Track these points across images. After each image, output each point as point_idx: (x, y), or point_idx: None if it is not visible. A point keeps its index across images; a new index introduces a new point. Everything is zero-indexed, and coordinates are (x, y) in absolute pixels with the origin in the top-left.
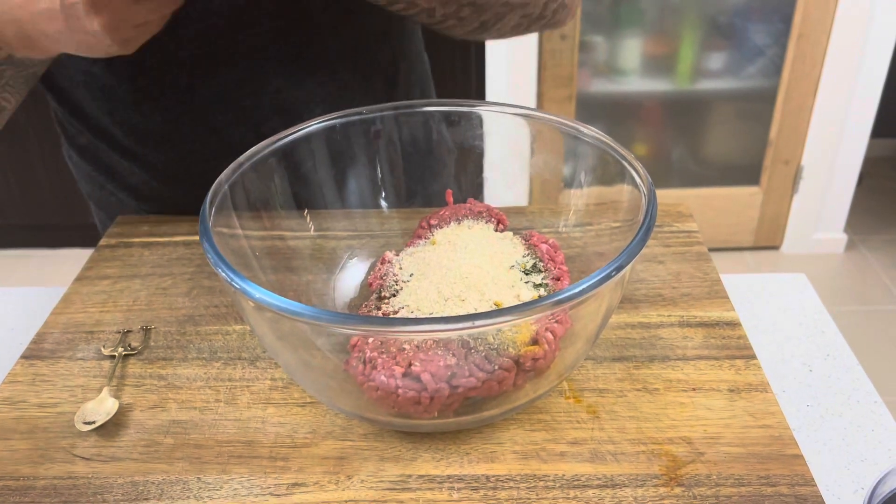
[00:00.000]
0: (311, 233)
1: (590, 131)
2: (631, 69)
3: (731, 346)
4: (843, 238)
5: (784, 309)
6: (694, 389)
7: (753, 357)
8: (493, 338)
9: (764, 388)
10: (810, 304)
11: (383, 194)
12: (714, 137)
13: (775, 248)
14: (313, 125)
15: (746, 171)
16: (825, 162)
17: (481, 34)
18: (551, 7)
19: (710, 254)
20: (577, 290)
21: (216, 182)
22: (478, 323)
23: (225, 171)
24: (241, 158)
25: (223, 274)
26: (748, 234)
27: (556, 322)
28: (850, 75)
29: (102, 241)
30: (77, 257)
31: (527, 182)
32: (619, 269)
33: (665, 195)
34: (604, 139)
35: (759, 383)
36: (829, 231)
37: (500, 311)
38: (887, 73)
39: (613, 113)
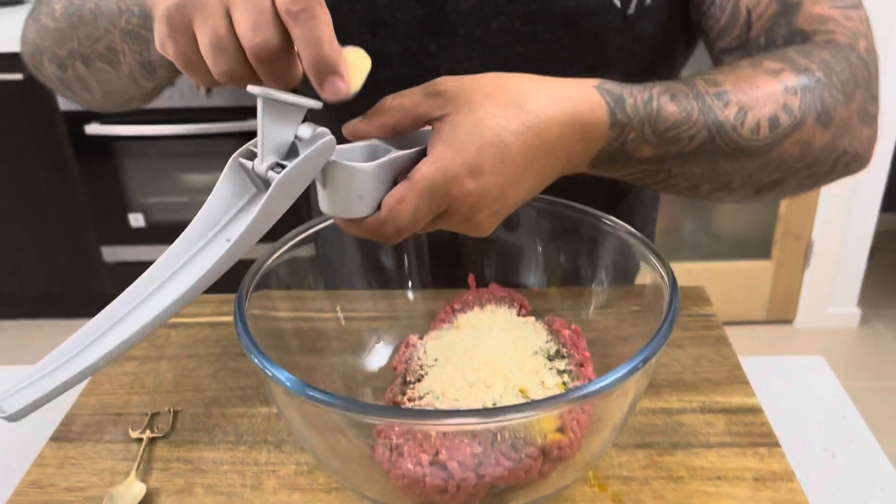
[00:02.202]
0: (337, 314)
1: (610, 221)
2: None
3: (755, 432)
4: (856, 312)
5: (803, 392)
6: (719, 478)
7: (777, 444)
8: (521, 427)
9: (789, 478)
10: (829, 387)
11: (409, 279)
12: (724, 211)
13: (788, 322)
14: None
15: (757, 245)
16: (835, 236)
17: (756, 199)
18: (842, 162)
19: (723, 328)
20: (605, 382)
21: (253, 266)
22: (508, 416)
23: (261, 256)
24: (277, 244)
25: (255, 360)
26: (761, 308)
27: (584, 412)
28: None
29: None
30: None
31: (548, 267)
32: (645, 360)
33: (676, 269)
34: (625, 229)
35: (784, 472)
36: (842, 305)
37: (529, 405)
38: (895, 147)
39: None
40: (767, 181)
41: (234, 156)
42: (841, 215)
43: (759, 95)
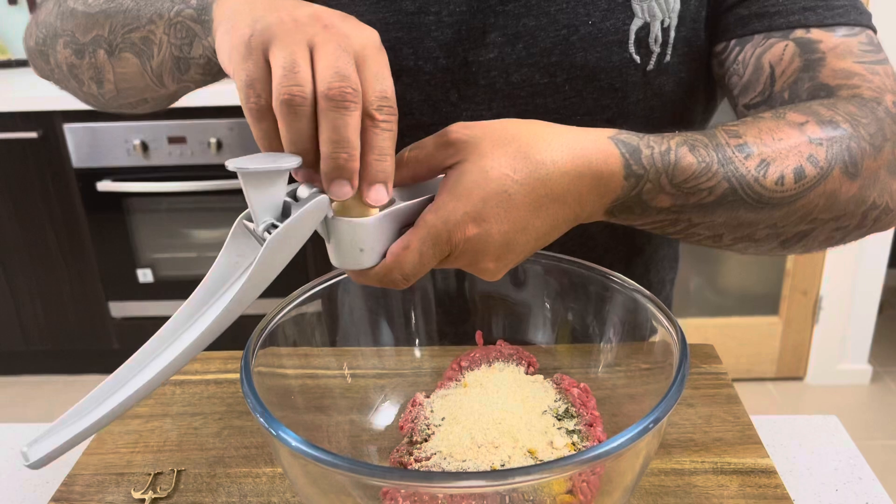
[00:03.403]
0: (343, 371)
1: (619, 279)
2: None
3: (769, 495)
4: (868, 369)
5: (817, 453)
6: None
7: None
8: (530, 489)
9: None
10: (843, 447)
11: (416, 335)
12: (731, 267)
13: (799, 378)
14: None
15: (765, 301)
16: (844, 292)
17: (783, 251)
18: (871, 216)
19: (734, 386)
20: (615, 444)
21: (260, 323)
22: (517, 479)
23: (268, 313)
24: (285, 301)
25: (260, 419)
26: (770, 365)
27: (594, 473)
28: None
29: None
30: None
31: (557, 324)
32: (656, 421)
33: (683, 324)
34: (634, 287)
35: None
36: (853, 362)
37: (538, 467)
38: None
39: None
40: (794, 233)
41: (238, 218)
42: (849, 271)
43: (783, 148)
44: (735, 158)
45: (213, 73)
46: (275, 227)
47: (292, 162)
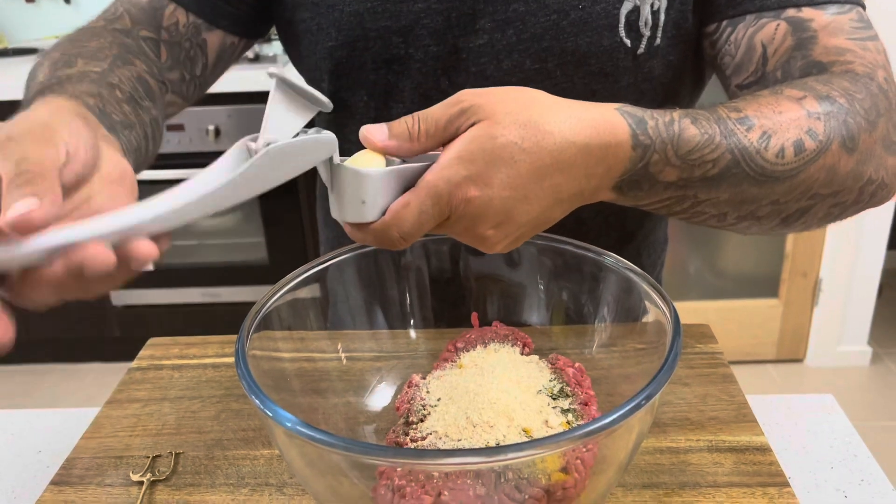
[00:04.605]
0: (339, 354)
1: (613, 258)
2: None
3: (763, 472)
4: (867, 351)
5: (813, 431)
6: None
7: (787, 484)
8: (524, 467)
9: None
10: (840, 425)
11: (411, 318)
12: (730, 250)
13: (799, 361)
14: (345, 254)
15: (765, 284)
16: (844, 274)
17: (783, 229)
18: (868, 190)
19: (733, 367)
20: (608, 420)
21: (254, 306)
22: (511, 455)
23: (262, 297)
24: (278, 285)
25: (256, 401)
26: (770, 347)
27: (587, 450)
28: None
29: (134, 364)
30: (100, 371)
31: (551, 305)
32: (648, 397)
33: (684, 308)
34: (628, 266)
35: None
36: (852, 344)
37: (532, 443)
38: None
39: None
40: (794, 209)
41: (242, 139)
42: (848, 253)
43: (783, 120)
44: (737, 130)
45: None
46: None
47: (327, 103)
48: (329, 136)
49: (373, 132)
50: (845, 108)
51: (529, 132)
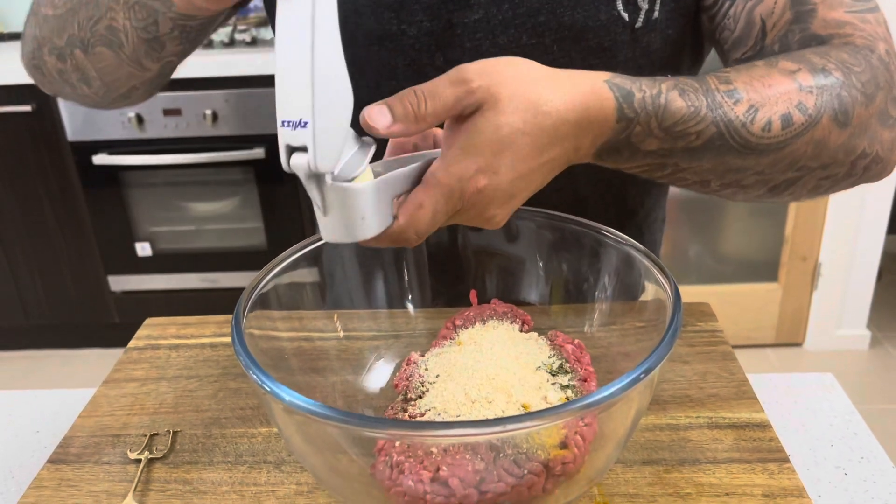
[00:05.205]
0: (338, 333)
1: (613, 234)
2: None
3: (763, 448)
4: (866, 334)
5: (813, 410)
6: (727, 494)
7: (787, 460)
8: (523, 442)
9: (800, 494)
10: (840, 404)
11: (409, 296)
12: (730, 234)
13: (798, 345)
14: None
15: (764, 268)
16: (843, 258)
17: (771, 199)
18: (861, 164)
19: (729, 344)
20: (606, 393)
21: (249, 284)
22: (508, 427)
23: (258, 274)
24: (274, 262)
25: (254, 376)
26: (769, 331)
27: (586, 425)
28: None
29: (131, 344)
30: (99, 357)
31: (551, 282)
32: (647, 371)
33: (684, 292)
34: (627, 242)
35: (795, 488)
36: (852, 328)
37: (530, 415)
38: None
39: None
40: (781, 180)
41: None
42: (848, 237)
43: (772, 94)
44: (724, 103)
45: (192, 39)
46: None
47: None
48: None
49: (375, 119)
50: (840, 81)
51: (530, 115)
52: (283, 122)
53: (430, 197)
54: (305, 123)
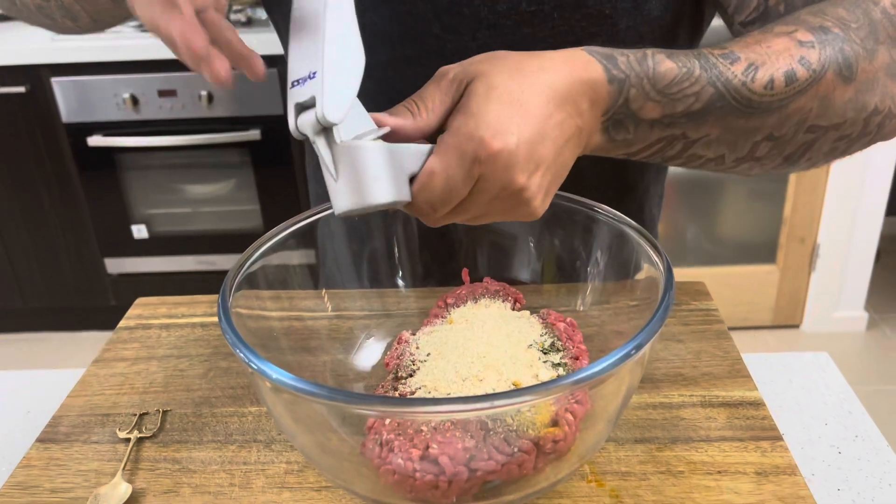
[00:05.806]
0: (329, 312)
1: (605, 211)
2: None
3: (756, 426)
4: (864, 316)
5: (808, 389)
6: (720, 472)
7: (780, 438)
8: (513, 419)
9: (792, 471)
10: (835, 383)
11: (400, 273)
12: (728, 216)
13: (795, 326)
14: (331, 209)
15: (762, 250)
16: (841, 240)
17: (788, 168)
18: (874, 121)
19: (724, 323)
20: (596, 369)
21: (236, 262)
22: (497, 403)
23: (245, 252)
24: (262, 240)
25: (241, 354)
26: (767, 313)
27: (577, 403)
28: (862, 153)
29: (121, 324)
30: (96, 339)
31: (543, 259)
32: (638, 347)
33: (681, 274)
34: (620, 218)
35: (787, 466)
36: (849, 309)
37: (519, 391)
38: None
39: None
40: (796, 147)
41: None
42: (846, 218)
43: (771, 52)
44: (719, 63)
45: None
46: None
47: None
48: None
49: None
50: (840, 36)
51: (520, 78)
52: (292, 82)
53: (440, 162)
54: (314, 74)
